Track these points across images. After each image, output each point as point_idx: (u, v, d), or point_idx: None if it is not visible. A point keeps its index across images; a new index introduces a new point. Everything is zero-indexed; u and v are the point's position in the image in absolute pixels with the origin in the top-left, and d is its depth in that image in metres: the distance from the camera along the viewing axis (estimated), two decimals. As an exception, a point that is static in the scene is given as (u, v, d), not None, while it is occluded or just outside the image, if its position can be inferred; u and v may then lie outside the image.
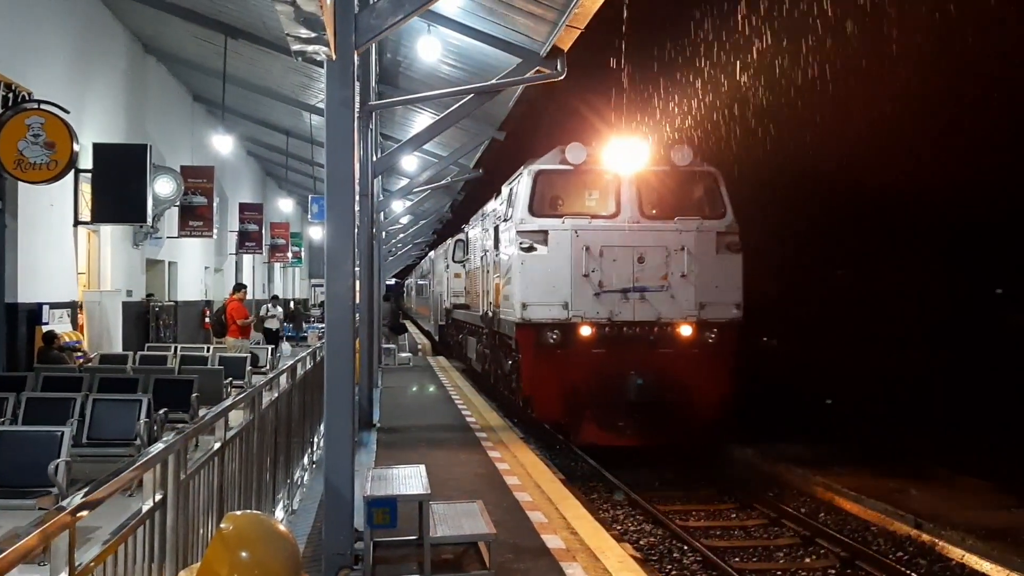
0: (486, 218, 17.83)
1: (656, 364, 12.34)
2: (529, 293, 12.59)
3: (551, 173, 13.25)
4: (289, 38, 5.63)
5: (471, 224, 21.63)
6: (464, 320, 22.03)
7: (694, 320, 12.60)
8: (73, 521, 2.88)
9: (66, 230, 15.40)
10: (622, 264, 12.56)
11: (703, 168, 13.44)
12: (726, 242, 12.88)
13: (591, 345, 12.50)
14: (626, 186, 12.94)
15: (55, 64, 15.04)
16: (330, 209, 6.10)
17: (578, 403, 12.41)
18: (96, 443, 8.46)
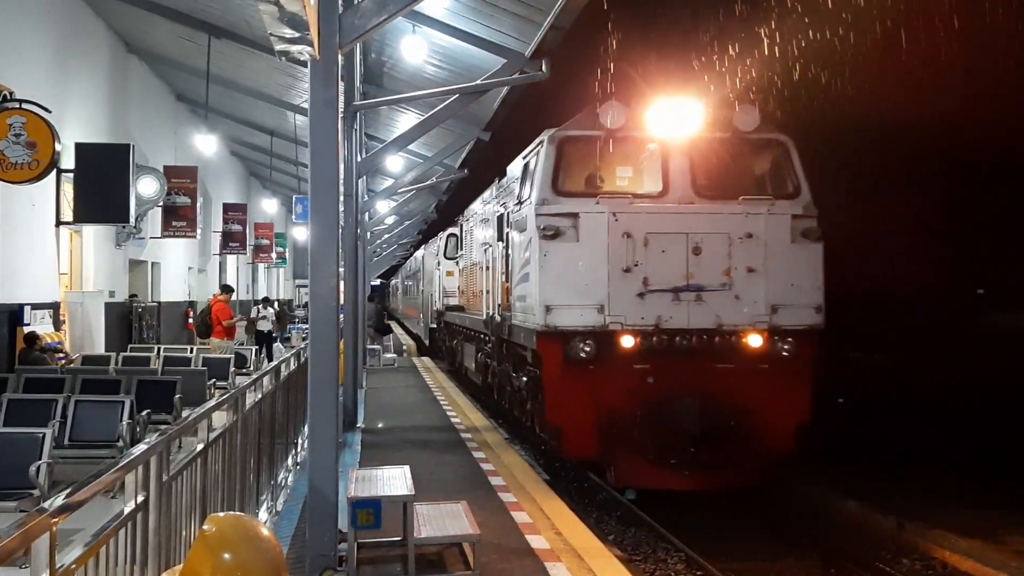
0: (486, 206, 15.58)
1: (717, 384, 9.77)
2: (554, 293, 9.90)
3: (580, 141, 10.53)
4: (273, 38, 5.62)
5: (466, 216, 19.30)
6: (460, 324, 19.56)
7: (765, 327, 9.96)
8: (54, 523, 2.87)
9: (48, 230, 15.29)
10: (673, 256, 9.94)
11: (772, 135, 10.77)
12: (803, 228, 10.21)
13: (634, 359, 9.88)
14: (676, 157, 10.30)
15: (36, 63, 14.93)
16: (314, 209, 6.09)
17: (618, 435, 9.77)
18: (78, 445, 8.42)
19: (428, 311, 28.51)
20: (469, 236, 18.34)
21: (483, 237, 15.40)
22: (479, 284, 15.68)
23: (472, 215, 18.05)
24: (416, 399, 16.94)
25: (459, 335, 20.29)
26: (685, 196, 10.21)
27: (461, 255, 19.94)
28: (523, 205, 11.03)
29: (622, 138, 10.38)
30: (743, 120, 10.36)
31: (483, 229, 15.60)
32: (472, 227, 17.83)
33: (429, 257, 28.84)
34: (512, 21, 11.71)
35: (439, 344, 26.05)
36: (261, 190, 40.20)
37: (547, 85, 12.23)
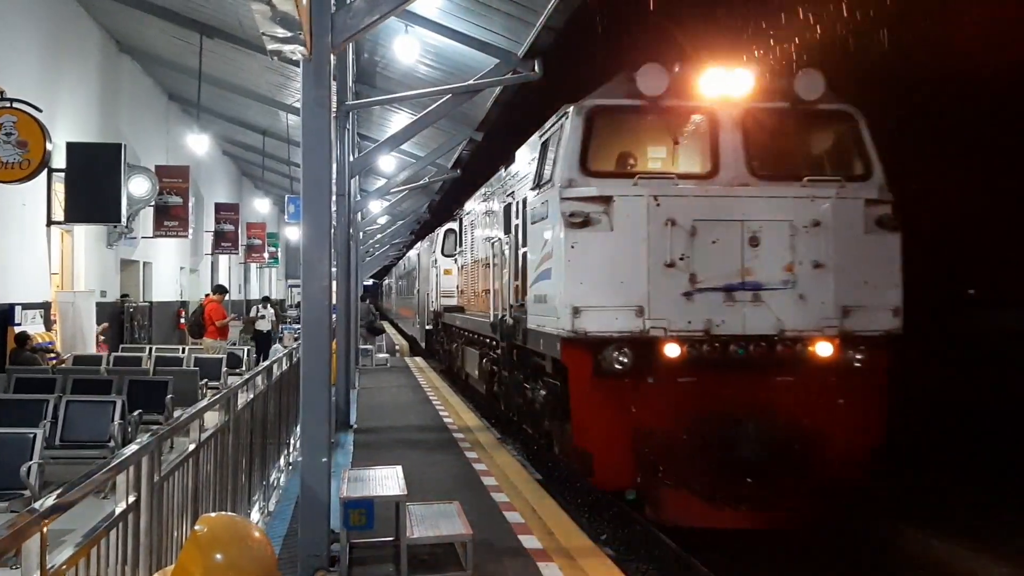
0: (492, 197, 14.04)
1: (777, 401, 8.27)
2: (583, 292, 8.25)
3: (613, 111, 8.96)
4: (265, 37, 5.61)
5: (466, 210, 17.99)
6: (460, 326, 17.82)
7: (834, 332, 8.38)
8: (45, 524, 2.86)
9: (39, 230, 15.24)
10: (725, 248, 8.34)
11: (838, 106, 9.15)
12: (877, 215, 8.60)
13: (679, 371, 8.31)
14: (728, 131, 8.71)
15: (27, 62, 14.88)
16: (306, 209, 6.09)
17: (659, 462, 8.19)
18: (69, 445, 8.40)
19: (424, 312, 26.66)
20: (469, 231, 17.13)
21: (487, 232, 14.23)
22: (482, 283, 14.56)
23: (473, 209, 16.73)
24: (409, 399, 16.93)
25: (459, 338, 18.53)
26: (739, 176, 8.57)
27: (460, 252, 18.85)
28: (542, 189, 9.37)
29: (663, 107, 8.79)
30: (805, 86, 8.75)
31: (487, 223, 14.39)
32: (473, 221, 16.53)
33: (425, 255, 27.24)
34: (504, 21, 11.72)
35: (436, 347, 24.32)
36: (253, 190, 40.14)
37: (540, 85, 12.25)
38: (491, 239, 13.40)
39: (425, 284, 26.36)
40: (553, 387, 9.48)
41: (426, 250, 27.01)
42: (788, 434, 8.02)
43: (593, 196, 8.36)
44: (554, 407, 9.57)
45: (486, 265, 13.96)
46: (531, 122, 11.19)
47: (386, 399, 16.88)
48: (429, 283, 24.81)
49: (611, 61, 21.73)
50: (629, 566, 7.50)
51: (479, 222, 15.52)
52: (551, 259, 8.80)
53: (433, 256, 23.57)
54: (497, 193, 13.45)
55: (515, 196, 11.14)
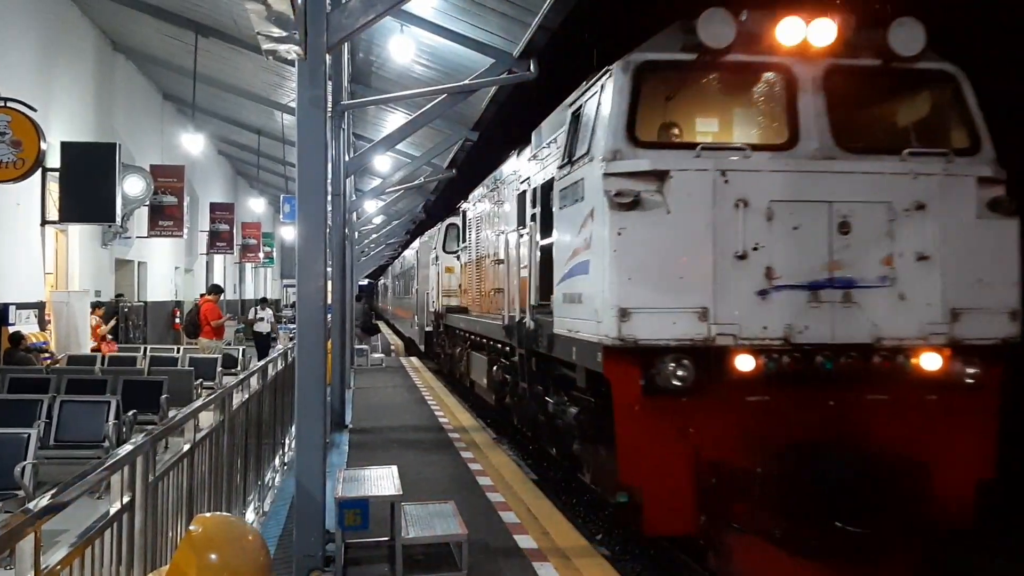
0: (501, 187, 12.62)
1: (874, 425, 6.69)
2: (631, 290, 6.66)
3: (668, 68, 7.35)
4: (260, 36, 5.61)
5: (471, 201, 16.65)
6: (465, 329, 16.25)
7: (943, 341, 6.85)
8: (39, 524, 2.85)
9: (33, 230, 15.21)
10: (809, 236, 6.78)
11: (938, 65, 7.47)
12: (990, 197, 7.03)
13: (752, 389, 6.73)
14: (808, 93, 7.11)
15: (21, 61, 14.84)
16: (301, 209, 6.08)
17: (727, 502, 6.57)
18: (63, 445, 8.39)
19: (423, 312, 24.78)
20: (475, 226, 15.72)
21: (496, 225, 12.98)
22: (491, 281, 13.36)
23: (479, 199, 15.31)
24: (404, 399, 16.92)
25: (463, 342, 16.97)
26: (823, 148, 6.95)
27: (464, 248, 17.46)
28: (575, 167, 7.69)
29: (728, 64, 7.15)
30: (902, 40, 7.06)
31: (496, 215, 13.10)
32: (479, 214, 15.09)
33: (424, 252, 25.73)
34: (500, 21, 11.71)
35: (436, 351, 22.39)
36: (248, 189, 40.10)
37: (535, 85, 12.25)
38: (502, 232, 12.19)
39: (424, 283, 24.84)
40: (587, 405, 7.73)
41: (425, 247, 25.46)
42: (888, 468, 6.37)
43: (645, 171, 6.73)
44: (588, 429, 7.81)
45: (497, 262, 12.68)
46: (526, 122, 11.19)
47: (381, 399, 16.87)
48: (428, 282, 23.20)
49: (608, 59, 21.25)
50: (624, 566, 7.50)
51: (486, 215, 14.26)
52: (588, 250, 7.19)
53: (433, 253, 22.15)
54: (508, 182, 12.13)
55: (530, 183, 10.02)
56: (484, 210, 14.63)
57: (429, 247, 23.93)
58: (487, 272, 14.01)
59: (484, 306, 14.28)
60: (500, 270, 12.28)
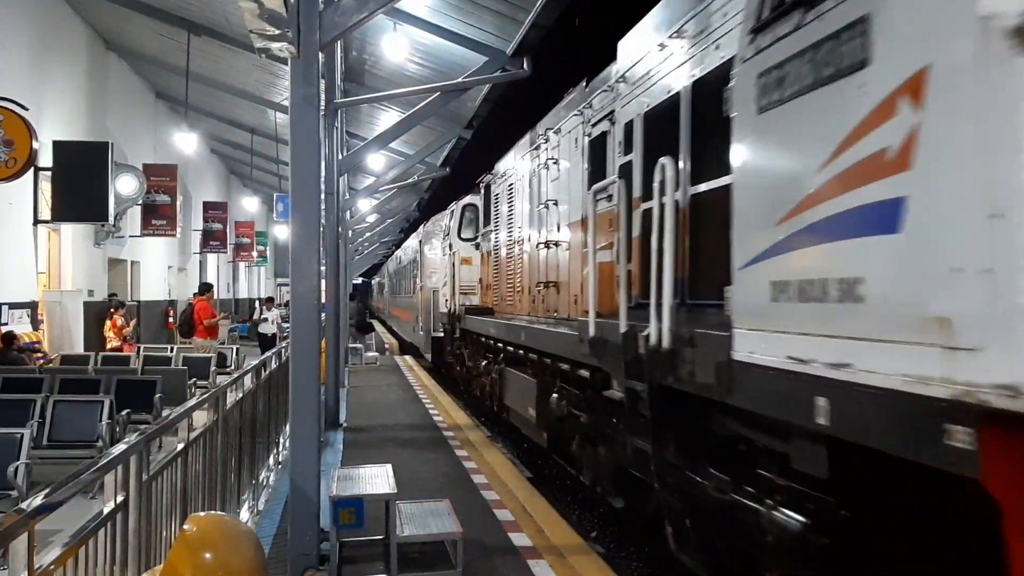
0: (560, 137, 9.51)
1: None
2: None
3: None
4: (253, 35, 5.60)
5: (499, 174, 13.53)
6: (498, 337, 12.34)
7: None
8: (33, 524, 2.84)
9: (25, 229, 15.17)
10: None
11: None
12: None
13: None
14: None
15: (13, 60, 14.80)
16: (295, 208, 6.07)
17: None
18: (57, 445, 8.36)
19: (430, 313, 20.76)
20: (505, 200, 12.82)
21: (548, 192, 10.01)
22: (538, 272, 10.54)
23: (512, 167, 12.28)
24: (398, 397, 16.91)
25: (492, 353, 13.33)
26: None
27: (488, 232, 14.47)
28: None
29: None
30: None
31: (547, 179, 10.10)
32: (514, 184, 12.09)
33: (431, 240, 22.29)
34: (494, 19, 11.71)
35: (448, 359, 18.67)
36: (242, 188, 40.04)
37: (528, 83, 12.25)
38: (555, 204, 9.63)
39: (430, 278, 21.56)
40: (828, 515, 3.93)
41: (432, 235, 22.15)
42: None
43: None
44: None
45: (546, 245, 10.04)
46: (520, 120, 11.19)
47: (376, 398, 16.86)
48: (437, 277, 20.30)
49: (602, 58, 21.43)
50: (619, 564, 7.52)
51: (526, 184, 11.18)
52: (906, 174, 2.96)
53: (444, 241, 18.67)
54: (567, 131, 9.24)
55: (620, 115, 6.92)
56: (521, 178, 11.51)
57: (437, 235, 20.75)
58: (530, 261, 10.97)
59: (522, 306, 11.49)
60: (553, 257, 9.70)
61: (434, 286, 20.69)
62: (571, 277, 8.91)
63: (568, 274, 9.07)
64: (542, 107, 10.20)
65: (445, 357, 19.29)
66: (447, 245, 18.32)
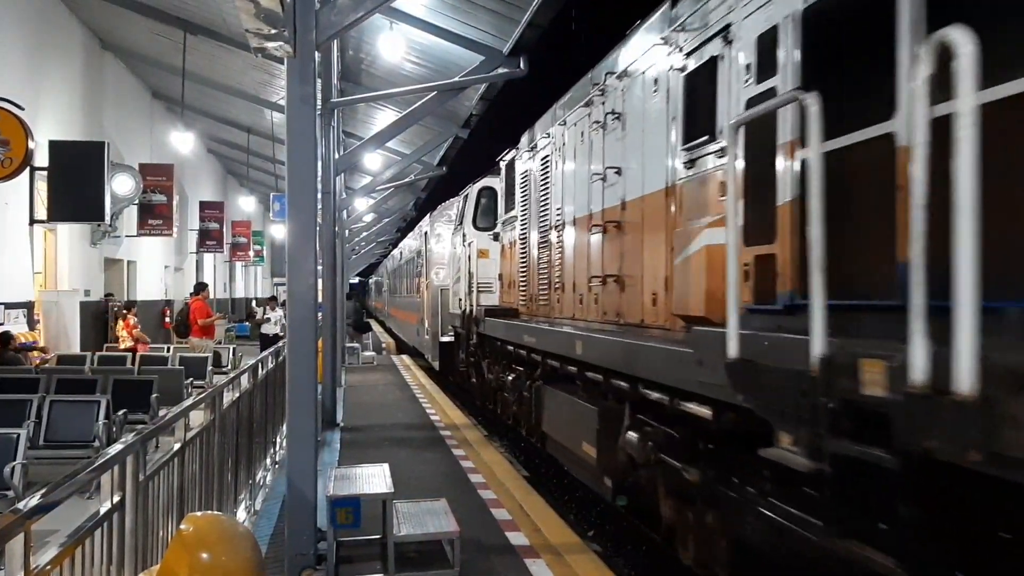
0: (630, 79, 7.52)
1: None
2: None
3: None
4: (249, 34, 5.59)
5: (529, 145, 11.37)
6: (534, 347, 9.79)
7: None
8: (29, 524, 2.84)
9: (21, 229, 15.14)
10: None
11: None
12: None
13: None
14: None
15: (8, 59, 14.77)
16: (291, 207, 6.06)
17: None
18: (53, 445, 8.35)
19: (438, 315, 18.52)
20: (537, 179, 10.70)
21: (606, 158, 7.98)
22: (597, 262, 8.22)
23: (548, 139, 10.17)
24: (395, 397, 16.90)
25: (526, 366, 10.67)
26: None
27: (512, 219, 12.45)
28: None
29: None
30: None
31: (606, 141, 8.02)
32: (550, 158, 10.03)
33: (439, 233, 20.11)
34: (490, 18, 11.70)
35: (462, 368, 15.90)
36: (238, 188, 40.00)
37: (525, 82, 12.25)
38: (630, 167, 7.39)
39: (438, 275, 19.39)
40: None
41: (439, 226, 19.95)
42: None
43: None
44: None
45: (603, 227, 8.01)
46: (517, 120, 11.15)
47: (373, 397, 16.85)
48: (448, 272, 18.16)
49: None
50: (616, 563, 7.52)
51: (578, 148, 8.88)
52: None
53: (458, 231, 16.40)
54: (636, 73, 7.29)
55: (735, 32, 5.36)
56: (562, 147, 9.49)
57: (446, 225, 18.66)
58: (579, 250, 8.88)
59: (564, 307, 9.44)
60: (616, 242, 7.63)
61: (442, 284, 18.62)
62: (647, 268, 6.78)
63: (643, 265, 6.87)
64: (539, 106, 10.19)
65: (456, 365, 16.45)
66: (459, 236, 16.01)
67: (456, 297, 16.21)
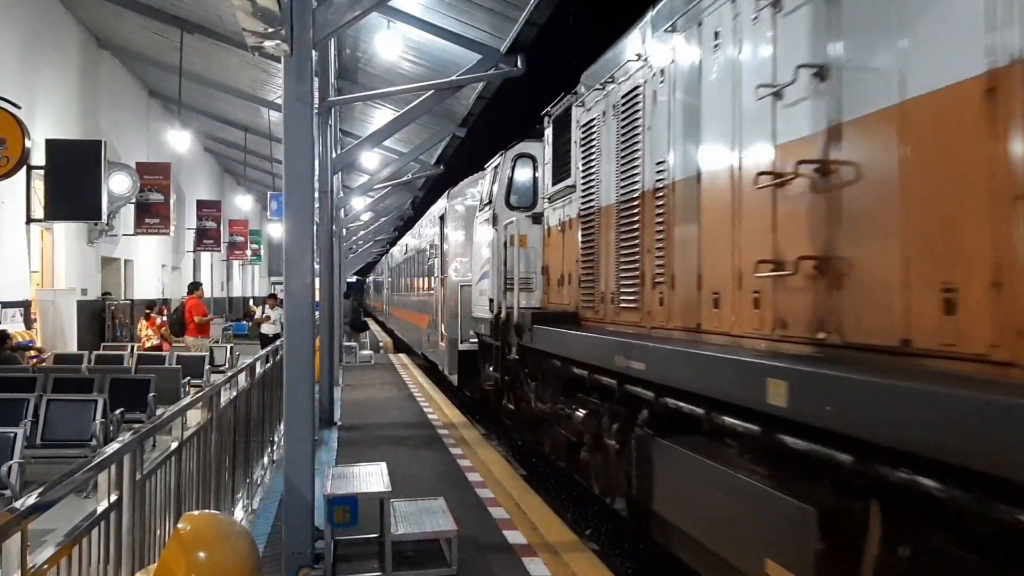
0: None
1: None
2: None
3: None
4: (245, 33, 5.58)
5: (591, 87, 8.42)
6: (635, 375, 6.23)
7: None
8: (26, 523, 2.84)
9: (18, 228, 15.12)
10: None
11: None
12: None
13: None
14: None
15: (5, 58, 14.75)
16: (288, 206, 6.06)
17: None
18: (50, 444, 8.34)
19: (457, 318, 15.47)
20: (615, 127, 7.64)
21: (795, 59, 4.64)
22: (767, 238, 4.98)
23: (642, 64, 7.13)
24: (392, 396, 16.89)
25: (619, 404, 7.05)
26: None
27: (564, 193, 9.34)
28: None
29: None
30: None
31: (785, 38, 4.87)
32: (642, 90, 7.11)
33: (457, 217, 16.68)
34: (487, 17, 11.70)
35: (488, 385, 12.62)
36: (235, 187, 39.96)
37: (522, 81, 12.26)
38: (854, 68, 4.22)
39: (457, 269, 16.24)
40: None
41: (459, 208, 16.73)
42: None
43: None
44: None
45: (823, 172, 4.44)
46: (514, 118, 11.10)
47: (370, 396, 16.84)
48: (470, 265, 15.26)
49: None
50: (614, 561, 7.53)
51: (718, 60, 5.79)
52: None
53: (484, 213, 12.80)
54: None
55: None
56: (669, 73, 6.60)
57: (469, 206, 15.98)
58: (707, 222, 5.89)
59: (679, 314, 6.31)
60: (819, 204, 4.49)
61: (463, 279, 15.63)
62: (928, 240, 3.64)
63: (911, 233, 3.74)
64: (536, 105, 10.15)
65: (481, 381, 13.15)
66: (487, 220, 12.55)
67: (482, 296, 13.03)
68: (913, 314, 3.71)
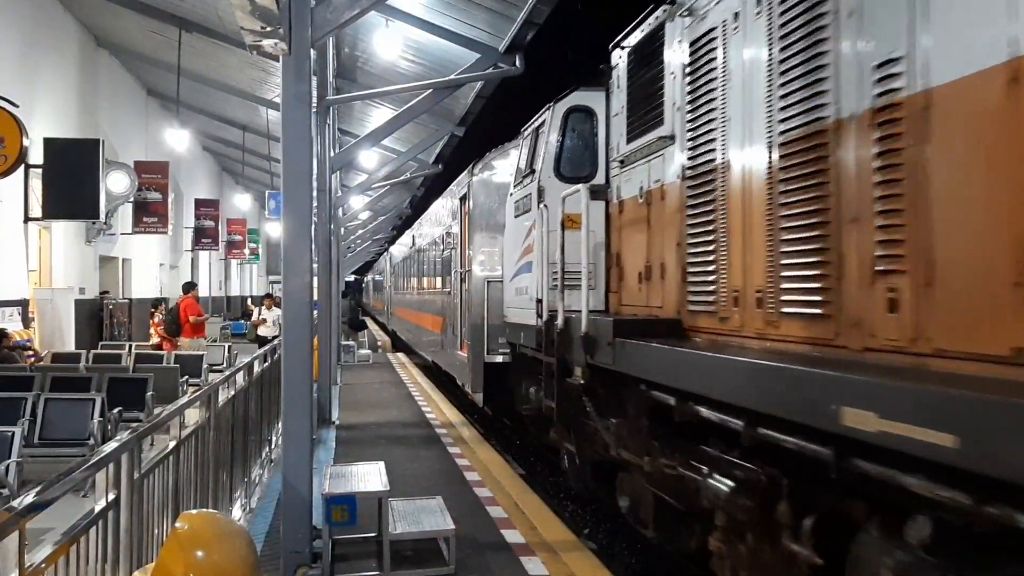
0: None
1: None
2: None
3: None
4: (244, 32, 5.58)
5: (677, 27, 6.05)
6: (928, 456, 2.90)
7: None
8: (23, 522, 2.84)
9: (16, 227, 15.11)
10: None
11: None
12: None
13: None
14: None
15: (3, 57, 14.73)
16: (287, 205, 6.06)
17: None
18: (48, 443, 8.33)
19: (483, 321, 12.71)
20: (751, 53, 4.98)
21: None
22: None
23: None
24: (391, 395, 16.89)
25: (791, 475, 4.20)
26: None
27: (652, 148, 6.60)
28: None
29: None
30: None
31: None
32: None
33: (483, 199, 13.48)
34: (486, 16, 11.70)
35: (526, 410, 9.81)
36: (234, 186, 39.94)
37: (521, 80, 12.26)
38: None
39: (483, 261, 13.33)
40: None
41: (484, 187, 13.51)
42: None
43: None
44: None
45: None
46: (513, 117, 11.12)
47: (368, 395, 16.84)
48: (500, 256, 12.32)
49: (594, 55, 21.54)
50: (612, 560, 7.53)
51: None
52: None
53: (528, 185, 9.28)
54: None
55: None
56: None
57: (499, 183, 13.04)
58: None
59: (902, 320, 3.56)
60: None
61: (490, 275, 12.84)
62: None
63: None
64: (536, 105, 10.13)
65: (518, 405, 10.35)
66: (527, 195, 9.40)
67: (519, 296, 9.99)
68: None
